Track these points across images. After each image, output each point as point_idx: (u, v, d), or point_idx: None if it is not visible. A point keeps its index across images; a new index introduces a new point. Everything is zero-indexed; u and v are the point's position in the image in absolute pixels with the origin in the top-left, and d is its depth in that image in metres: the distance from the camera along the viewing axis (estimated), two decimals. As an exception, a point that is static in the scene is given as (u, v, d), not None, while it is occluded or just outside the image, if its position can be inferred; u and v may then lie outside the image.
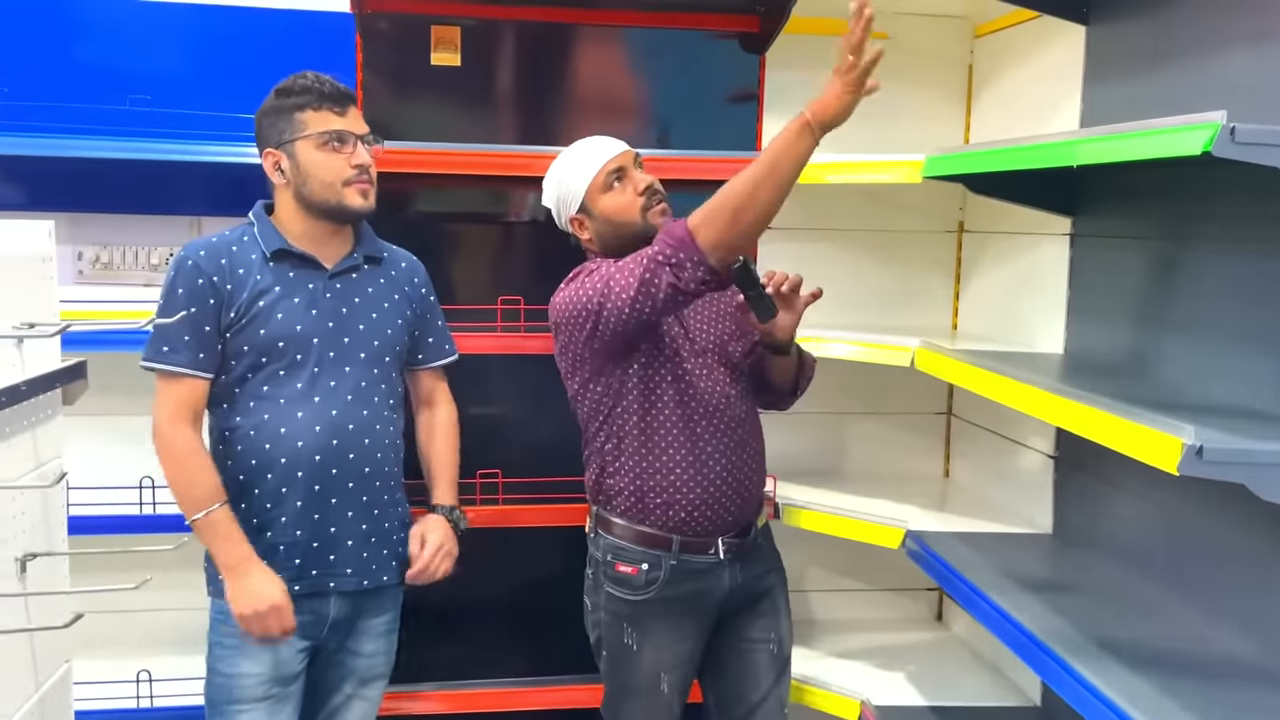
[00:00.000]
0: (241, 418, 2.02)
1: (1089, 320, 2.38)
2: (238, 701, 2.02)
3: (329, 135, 2.02)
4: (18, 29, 2.65)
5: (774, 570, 2.28)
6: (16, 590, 1.56)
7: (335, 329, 2.06)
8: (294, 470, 2.01)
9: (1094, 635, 1.86)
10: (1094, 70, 2.35)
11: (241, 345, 2.00)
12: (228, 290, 1.99)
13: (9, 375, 1.54)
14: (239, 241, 2.05)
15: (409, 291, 2.20)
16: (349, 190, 2.04)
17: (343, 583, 2.08)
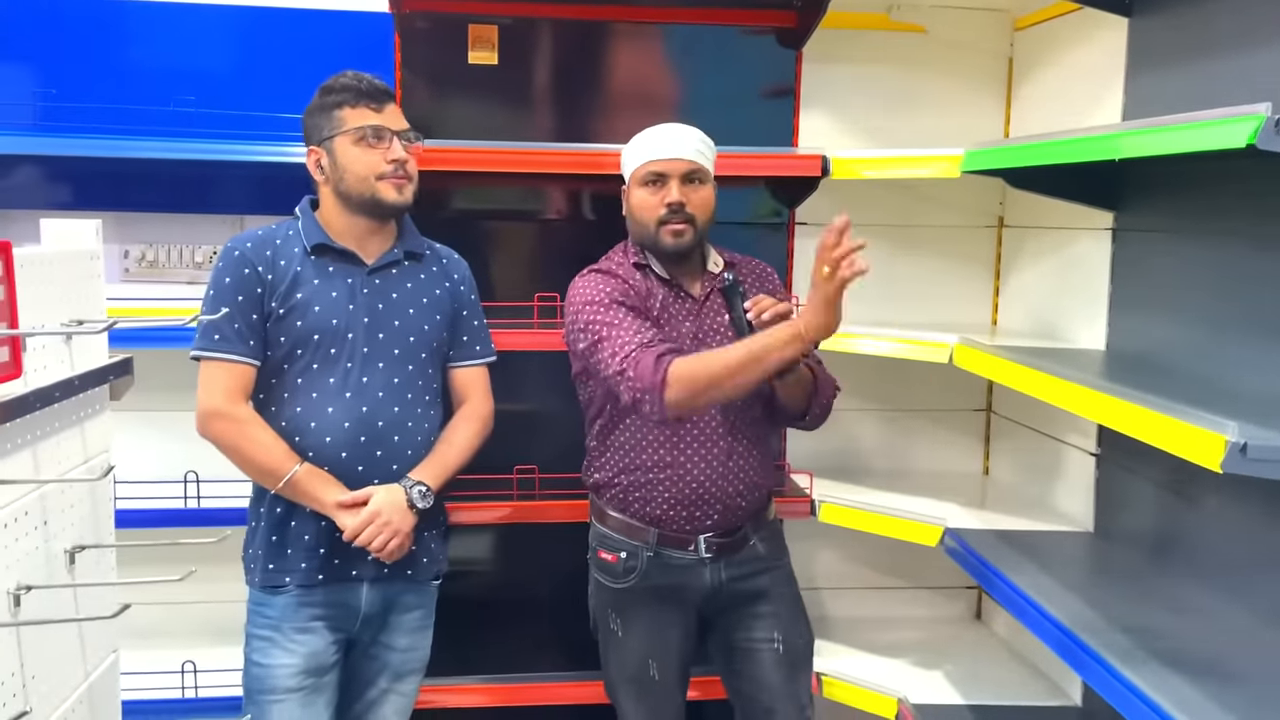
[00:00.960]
0: (275, 407, 2.06)
1: (1131, 316, 2.35)
2: (271, 691, 2.05)
3: (364, 130, 2.05)
4: (65, 32, 2.70)
5: (769, 570, 2.25)
6: (66, 581, 1.59)
7: (371, 324, 2.08)
8: (321, 465, 2.03)
9: (1136, 635, 1.84)
10: (1136, 63, 2.32)
11: (279, 336, 2.03)
12: (269, 280, 2.03)
13: (59, 371, 1.57)
14: (284, 235, 2.09)
15: (449, 288, 2.21)
16: (383, 184, 2.06)
17: (370, 570, 2.08)
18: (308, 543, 2.05)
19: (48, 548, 1.57)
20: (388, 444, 2.08)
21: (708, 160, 2.20)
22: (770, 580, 2.25)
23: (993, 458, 3.10)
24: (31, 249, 1.58)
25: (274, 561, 2.06)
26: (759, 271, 2.34)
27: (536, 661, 2.77)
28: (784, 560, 2.31)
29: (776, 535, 2.32)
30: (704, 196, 2.18)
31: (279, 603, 2.06)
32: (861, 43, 2.93)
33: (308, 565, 2.05)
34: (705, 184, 2.19)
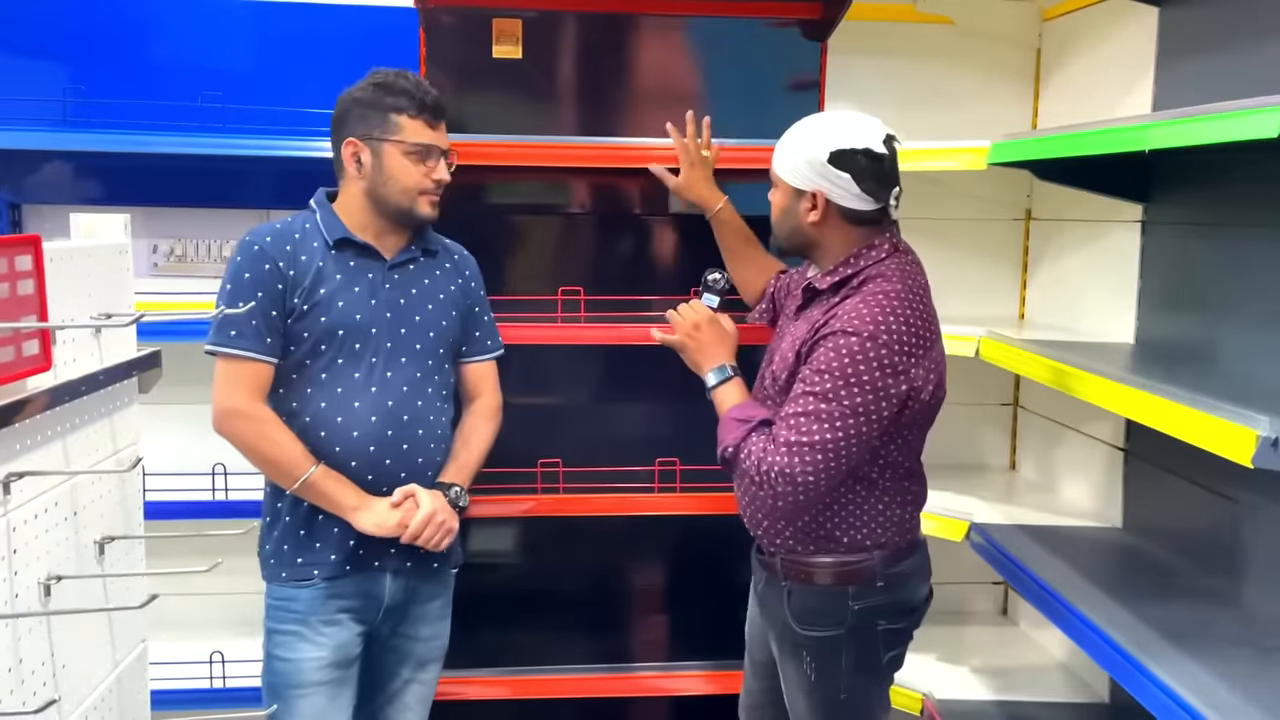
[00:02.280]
0: (298, 403, 2.04)
1: (1161, 309, 2.33)
2: (299, 686, 2.05)
3: (420, 148, 2.05)
4: (94, 29, 2.73)
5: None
6: (95, 572, 1.61)
7: (393, 319, 2.08)
8: (348, 459, 2.04)
9: (1166, 631, 1.82)
10: (1167, 52, 2.30)
11: (302, 331, 2.02)
12: (291, 276, 2.01)
13: (88, 364, 1.59)
14: (302, 229, 2.07)
15: (462, 284, 2.22)
16: (422, 200, 2.08)
17: (394, 562, 2.10)
18: (336, 535, 2.06)
19: (78, 538, 1.59)
20: (412, 438, 2.09)
21: (782, 164, 1.98)
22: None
23: (1019, 452, 3.08)
24: (61, 243, 1.60)
25: (302, 555, 2.06)
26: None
27: (559, 655, 2.78)
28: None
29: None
30: (773, 202, 2.04)
31: (305, 596, 2.06)
32: (887, 35, 2.92)
33: (336, 557, 2.06)
34: (775, 188, 2.02)
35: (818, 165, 1.91)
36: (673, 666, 2.73)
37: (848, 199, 1.92)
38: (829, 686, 1.99)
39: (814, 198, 1.93)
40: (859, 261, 1.93)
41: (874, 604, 1.97)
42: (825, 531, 1.96)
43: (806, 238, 1.98)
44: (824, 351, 1.83)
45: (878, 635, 1.99)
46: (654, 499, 2.67)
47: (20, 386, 1.39)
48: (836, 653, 1.98)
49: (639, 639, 2.87)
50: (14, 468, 1.38)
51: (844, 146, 1.90)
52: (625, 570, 3.03)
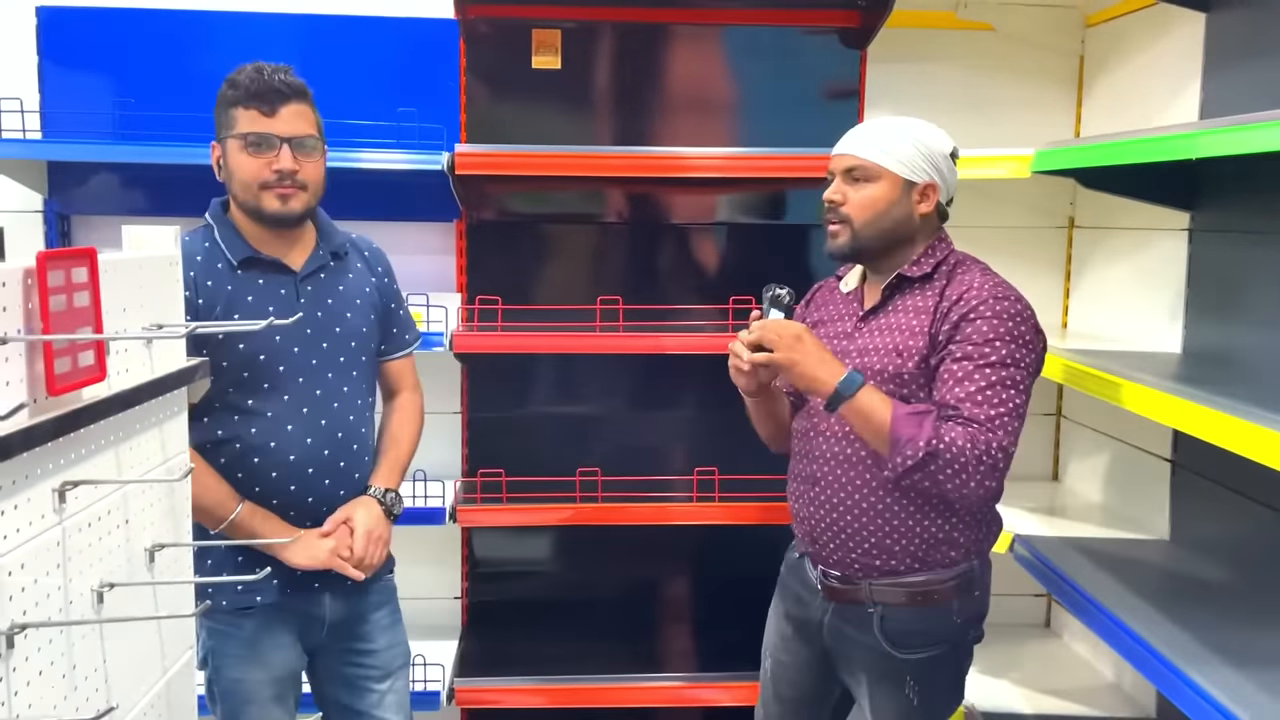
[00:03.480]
0: (223, 431, 1.95)
1: (1208, 319, 2.30)
2: (251, 701, 2.01)
3: (251, 137, 1.91)
4: (140, 44, 2.78)
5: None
6: (146, 579, 1.63)
7: (314, 335, 1.99)
8: (286, 484, 1.97)
9: (1215, 645, 1.80)
10: (1214, 59, 2.27)
11: (220, 361, 1.90)
12: (200, 305, 1.90)
13: (140, 374, 1.62)
14: (201, 249, 1.95)
15: (375, 283, 2.12)
16: (266, 194, 1.92)
17: (334, 583, 2.04)
18: (276, 562, 1.98)
19: (129, 546, 1.61)
20: (348, 453, 2.03)
21: (888, 156, 1.91)
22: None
23: (1063, 463, 3.05)
24: (115, 255, 1.62)
25: (241, 584, 1.98)
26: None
27: (595, 663, 2.78)
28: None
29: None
30: (865, 196, 1.92)
31: (249, 625, 2.00)
32: (928, 41, 2.91)
33: (278, 582, 1.99)
34: (870, 181, 1.92)
35: (938, 158, 1.94)
36: (710, 677, 2.73)
37: (946, 194, 1.98)
38: (930, 708, 1.93)
39: (926, 189, 1.94)
40: (939, 252, 1.96)
41: (972, 614, 1.94)
42: (937, 548, 1.89)
43: (909, 230, 1.94)
44: (981, 324, 1.82)
45: (969, 646, 1.97)
46: (693, 508, 2.68)
47: (76, 397, 1.42)
48: (940, 672, 1.92)
49: (675, 648, 2.88)
50: (69, 476, 1.40)
51: (955, 145, 1.98)
52: (663, 579, 3.04)
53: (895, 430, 1.77)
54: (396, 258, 2.23)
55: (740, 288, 2.64)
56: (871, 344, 1.94)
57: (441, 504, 2.64)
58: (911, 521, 1.88)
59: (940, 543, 1.88)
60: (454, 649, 2.83)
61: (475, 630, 2.96)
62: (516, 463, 2.73)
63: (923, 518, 1.87)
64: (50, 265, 1.29)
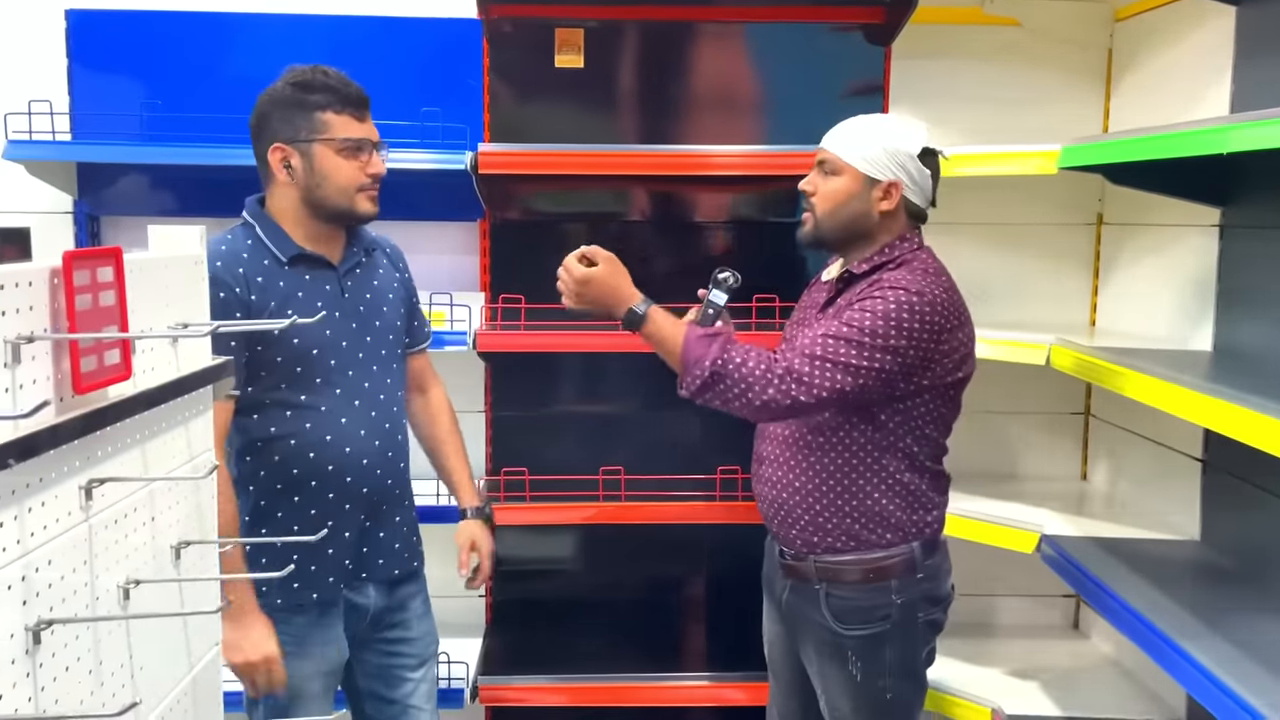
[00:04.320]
0: (276, 427, 1.97)
1: (1239, 316, 2.27)
2: (299, 697, 2.02)
3: (351, 143, 1.96)
4: (168, 46, 2.80)
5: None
6: (172, 576, 1.65)
7: (359, 329, 2.03)
8: (342, 476, 2.00)
9: (1246, 648, 1.77)
10: (1245, 52, 2.24)
11: (274, 356, 1.94)
12: (252, 302, 1.92)
13: (166, 372, 1.63)
14: (246, 247, 1.97)
15: (400, 277, 2.17)
16: (361, 197, 1.99)
17: (381, 572, 2.10)
18: (333, 557, 2.03)
19: (155, 543, 1.62)
20: (394, 444, 2.08)
21: (848, 150, 1.99)
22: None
23: (1091, 463, 3.02)
24: (140, 254, 1.64)
25: (298, 580, 2.01)
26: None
27: (620, 663, 2.78)
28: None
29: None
30: (829, 188, 2.01)
31: (301, 621, 2.02)
32: (953, 37, 2.88)
33: (335, 579, 2.03)
34: (836, 175, 2.00)
35: (903, 158, 1.98)
36: (732, 677, 2.72)
37: (917, 195, 2.02)
38: (875, 685, 2.01)
39: (889, 188, 1.99)
40: (893, 251, 2.01)
41: (914, 596, 2.00)
42: (869, 524, 1.98)
43: (866, 227, 2.02)
44: (871, 301, 1.90)
45: (918, 628, 2.02)
46: (716, 508, 2.67)
47: (102, 395, 1.43)
48: (880, 650, 2.00)
49: (698, 648, 2.87)
50: (96, 474, 1.41)
51: (930, 147, 2.01)
52: (686, 578, 3.04)
53: (686, 352, 1.89)
54: (420, 257, 2.26)
55: (764, 285, 2.63)
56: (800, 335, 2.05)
57: (465, 502, 2.65)
58: (840, 501, 1.98)
59: (871, 520, 1.98)
60: (478, 647, 2.84)
61: (499, 628, 2.97)
62: (540, 461, 2.73)
63: (850, 497, 1.98)
64: (77, 265, 1.31)
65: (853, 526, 1.99)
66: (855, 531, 1.99)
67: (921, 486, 2.01)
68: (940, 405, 1.98)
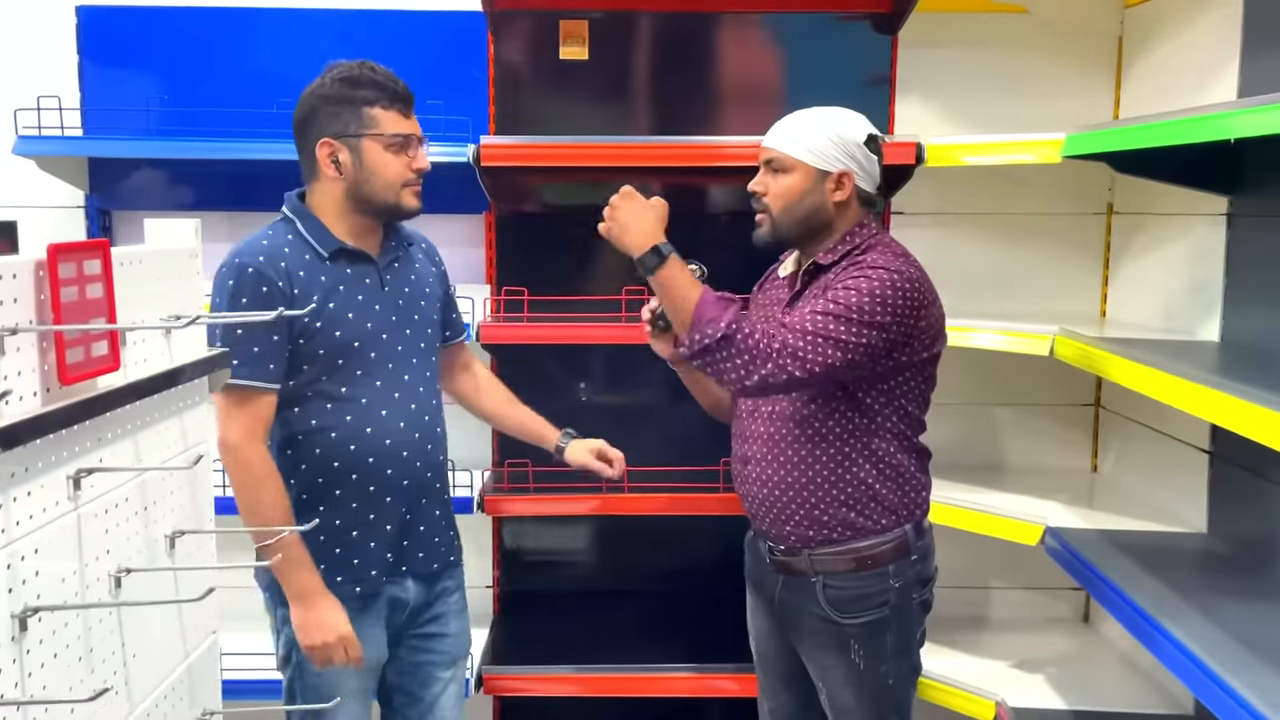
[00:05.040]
0: (317, 420, 1.98)
1: (1247, 306, 2.23)
2: (335, 695, 2.01)
3: (398, 138, 1.97)
4: (177, 41, 2.83)
5: None
6: (166, 565, 1.66)
7: (398, 322, 2.04)
8: (383, 469, 2.00)
9: (1248, 644, 1.74)
10: (1252, 38, 2.20)
11: (316, 349, 1.95)
12: (295, 295, 1.92)
13: (159, 364, 1.64)
14: (286, 241, 1.97)
15: (436, 272, 2.18)
16: (406, 192, 2.00)
17: (420, 566, 2.10)
18: (374, 549, 2.03)
19: (148, 533, 1.64)
20: (433, 436, 2.08)
21: (795, 146, 1.99)
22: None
23: (1101, 454, 2.98)
24: (134, 248, 1.65)
25: (340, 573, 2.01)
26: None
27: (626, 653, 2.78)
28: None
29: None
30: (781, 186, 2.01)
31: (329, 595, 1.98)
32: (960, 26, 2.85)
33: (376, 571, 2.03)
34: (785, 172, 2.00)
35: (851, 147, 2.00)
36: (737, 668, 2.71)
37: (866, 181, 2.04)
38: (877, 673, 2.02)
39: (840, 178, 2.01)
40: (855, 239, 2.03)
41: (909, 578, 2.02)
42: (864, 511, 1.99)
43: (824, 219, 2.03)
44: (852, 280, 1.92)
45: (914, 610, 2.04)
46: (719, 499, 2.66)
47: (90, 386, 1.44)
48: (882, 635, 2.01)
49: (704, 639, 2.86)
50: (84, 464, 1.43)
51: (873, 132, 2.02)
52: (693, 569, 3.03)
53: (701, 308, 1.87)
54: (427, 250, 2.25)
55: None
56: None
57: (470, 493, 2.66)
58: (835, 491, 1.99)
59: (867, 505, 1.99)
60: (485, 637, 2.85)
61: (506, 619, 2.98)
62: (544, 453, 2.73)
63: (845, 484, 1.99)
64: (61, 258, 1.32)
65: (849, 515, 2.00)
66: (851, 520, 2.00)
67: (910, 466, 2.03)
68: (919, 381, 2.01)
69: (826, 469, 1.99)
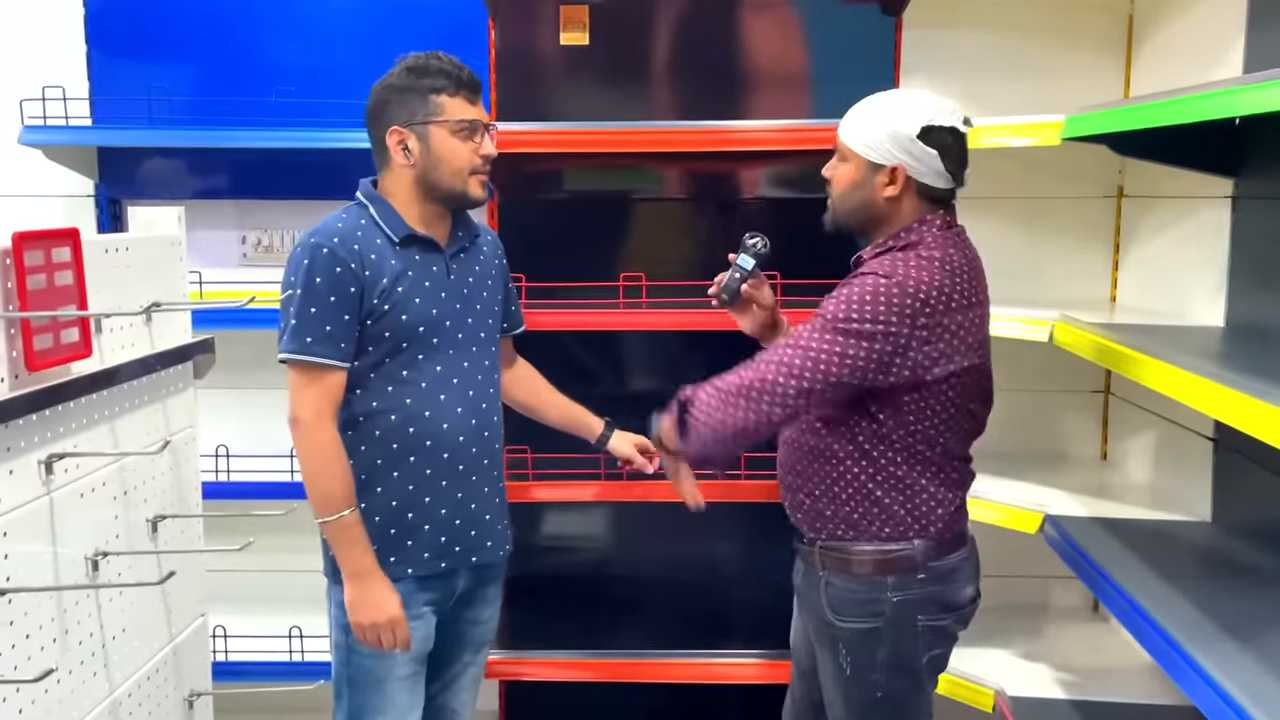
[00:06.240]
0: (378, 402, 2.00)
1: (1252, 290, 2.18)
2: (390, 679, 2.03)
3: (466, 124, 2.00)
4: (183, 30, 2.86)
5: None
6: (147, 549, 1.69)
7: (461, 310, 2.07)
8: (440, 452, 2.02)
9: (1243, 641, 1.70)
10: (1259, 14, 2.14)
11: (382, 331, 1.98)
12: (366, 277, 1.95)
13: (138, 350, 1.66)
14: (359, 225, 2.00)
15: (499, 264, 2.22)
16: (473, 180, 2.03)
17: (483, 555, 2.11)
18: (429, 532, 2.04)
19: (127, 516, 1.66)
20: (489, 424, 2.11)
21: (852, 136, 1.95)
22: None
23: (1110, 442, 2.94)
24: (113, 235, 1.67)
25: (394, 554, 2.02)
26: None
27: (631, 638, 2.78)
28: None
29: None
30: (840, 174, 1.98)
31: (384, 578, 1.99)
32: (966, 7, 2.80)
33: (430, 555, 2.04)
34: (844, 161, 1.97)
35: (904, 140, 1.90)
36: (747, 655, 2.71)
37: (928, 176, 1.93)
38: (864, 682, 1.97)
39: (893, 172, 1.92)
40: (907, 235, 1.94)
41: (914, 597, 1.93)
42: (867, 514, 1.94)
43: (875, 212, 1.96)
44: (843, 288, 1.89)
45: (917, 631, 1.95)
46: (718, 486, 2.65)
47: (64, 371, 1.46)
48: (872, 646, 1.95)
49: (708, 625, 2.86)
50: (56, 449, 1.45)
51: (933, 124, 1.91)
52: (698, 555, 3.03)
53: (721, 414, 1.89)
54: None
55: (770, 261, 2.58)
56: None
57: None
58: (836, 488, 1.96)
59: (869, 510, 1.94)
60: (488, 622, 2.86)
61: (510, 603, 2.99)
62: (545, 440, 2.73)
63: (846, 484, 1.95)
64: (27, 246, 1.34)
65: (851, 515, 1.96)
66: (854, 520, 1.95)
67: (920, 482, 1.93)
68: (932, 401, 1.89)
69: (829, 464, 1.96)
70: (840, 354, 1.82)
